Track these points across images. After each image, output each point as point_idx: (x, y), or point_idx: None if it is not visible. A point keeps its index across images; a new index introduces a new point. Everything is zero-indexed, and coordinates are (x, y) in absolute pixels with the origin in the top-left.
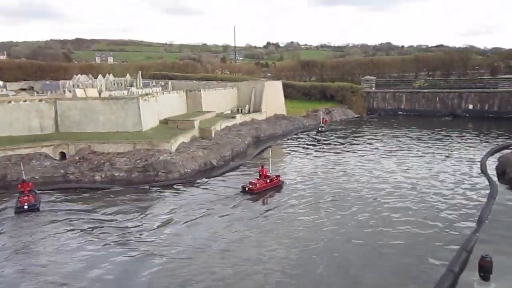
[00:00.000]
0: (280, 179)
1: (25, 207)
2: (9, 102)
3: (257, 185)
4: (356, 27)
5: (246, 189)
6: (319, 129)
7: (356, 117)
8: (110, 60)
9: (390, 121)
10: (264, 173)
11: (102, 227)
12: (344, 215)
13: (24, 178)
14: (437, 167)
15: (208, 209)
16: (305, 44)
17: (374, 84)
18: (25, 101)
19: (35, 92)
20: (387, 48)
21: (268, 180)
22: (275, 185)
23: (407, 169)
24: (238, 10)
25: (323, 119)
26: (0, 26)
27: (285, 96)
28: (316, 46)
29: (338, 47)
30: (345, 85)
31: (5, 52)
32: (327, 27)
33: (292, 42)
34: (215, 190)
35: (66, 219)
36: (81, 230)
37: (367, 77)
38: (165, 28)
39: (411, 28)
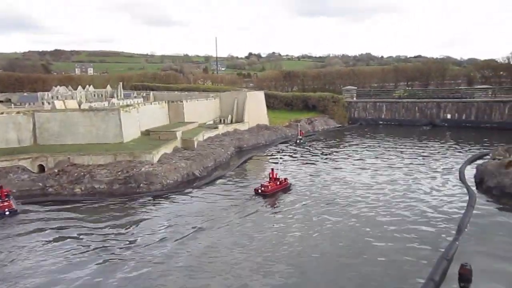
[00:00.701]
0: (288, 181)
1: (7, 213)
2: None
3: (269, 187)
4: (336, 38)
5: (259, 191)
6: (297, 141)
7: (338, 127)
8: (90, 71)
9: (371, 131)
10: (274, 176)
11: (80, 234)
12: (338, 221)
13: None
14: (417, 176)
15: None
16: (287, 55)
17: (355, 94)
18: (1, 113)
19: (12, 104)
20: (367, 58)
21: (278, 183)
22: (284, 187)
23: (387, 179)
24: (220, 20)
25: (300, 131)
26: None
27: (268, 106)
28: (298, 57)
29: (319, 57)
30: (327, 95)
31: None
32: (308, 38)
33: (273, 53)
34: (225, 195)
35: (43, 228)
36: (57, 239)
37: (348, 87)
38: (146, 39)
39: (390, 38)
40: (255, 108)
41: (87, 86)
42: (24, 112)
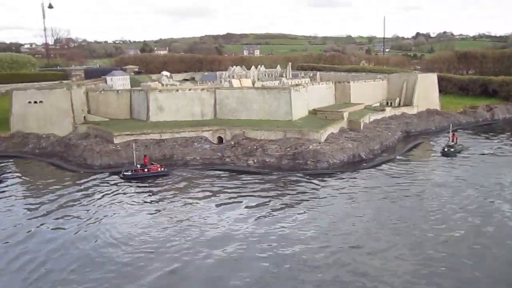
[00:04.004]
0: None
1: (162, 168)
2: (177, 91)
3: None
4: None
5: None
6: (445, 149)
7: None
8: (257, 52)
9: None
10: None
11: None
12: None
13: (134, 156)
14: None
15: None
16: (460, 34)
17: None
18: (189, 90)
19: (198, 82)
20: None
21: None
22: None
23: None
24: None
25: (452, 135)
26: (164, 26)
27: (439, 90)
28: (473, 36)
29: (500, 37)
30: None
31: (167, 48)
32: (486, 15)
33: (445, 32)
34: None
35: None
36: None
37: None
38: (310, 21)
39: None
40: (426, 91)
41: (259, 66)
42: (208, 89)
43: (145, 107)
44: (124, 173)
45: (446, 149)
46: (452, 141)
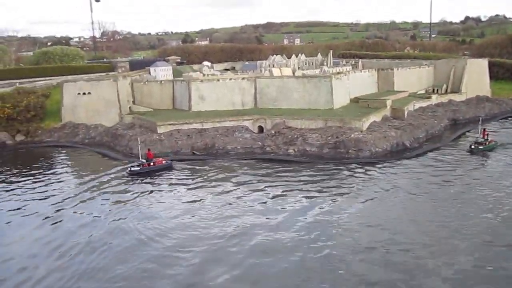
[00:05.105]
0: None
1: (164, 162)
2: (218, 80)
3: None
4: None
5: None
6: (472, 146)
7: None
8: (297, 41)
9: None
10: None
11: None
12: None
13: (139, 150)
14: None
15: None
16: None
17: None
18: (230, 79)
19: (238, 72)
20: None
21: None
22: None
23: None
24: None
25: (483, 130)
26: (205, 16)
27: (490, 76)
28: None
29: None
30: None
31: (208, 38)
32: None
33: (497, 15)
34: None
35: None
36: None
37: None
38: (352, 7)
39: None
40: (475, 77)
41: (299, 54)
42: (248, 78)
43: (187, 97)
44: (131, 169)
45: (473, 146)
46: (483, 137)
